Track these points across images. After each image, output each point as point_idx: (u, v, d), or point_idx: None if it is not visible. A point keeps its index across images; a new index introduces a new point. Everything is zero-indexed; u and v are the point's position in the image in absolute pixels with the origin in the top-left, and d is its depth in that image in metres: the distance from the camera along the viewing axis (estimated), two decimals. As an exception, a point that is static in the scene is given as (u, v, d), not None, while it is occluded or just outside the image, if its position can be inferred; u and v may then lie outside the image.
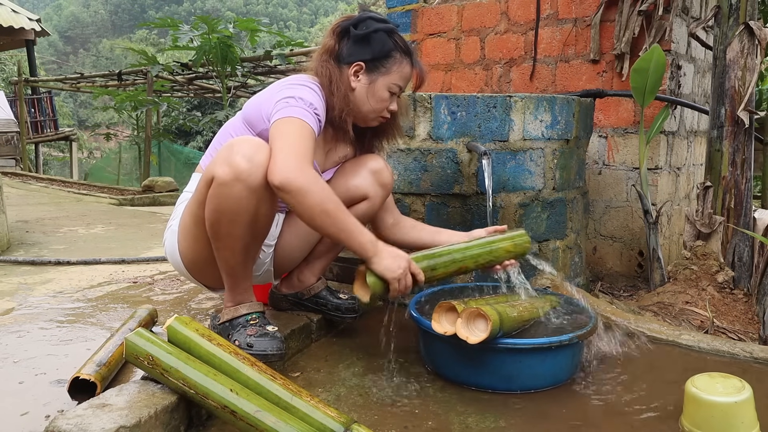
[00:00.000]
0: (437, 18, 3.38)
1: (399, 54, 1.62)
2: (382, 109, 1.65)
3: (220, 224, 1.42)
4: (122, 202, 5.90)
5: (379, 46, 1.60)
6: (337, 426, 1.15)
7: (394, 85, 1.63)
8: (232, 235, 1.43)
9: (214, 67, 6.94)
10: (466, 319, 1.44)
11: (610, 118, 2.90)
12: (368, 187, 1.70)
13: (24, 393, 1.39)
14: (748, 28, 2.35)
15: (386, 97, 1.63)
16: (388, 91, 1.63)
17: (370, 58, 1.60)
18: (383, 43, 1.60)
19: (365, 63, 1.60)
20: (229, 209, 1.39)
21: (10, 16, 11.91)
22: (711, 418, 1.25)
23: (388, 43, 1.61)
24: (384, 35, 1.61)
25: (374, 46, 1.60)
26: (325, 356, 1.70)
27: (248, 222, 1.42)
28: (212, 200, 1.40)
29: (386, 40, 1.61)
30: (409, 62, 1.65)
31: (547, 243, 2.22)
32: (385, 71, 1.61)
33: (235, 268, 1.49)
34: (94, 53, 43.07)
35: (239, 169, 1.36)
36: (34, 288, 2.35)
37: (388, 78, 1.62)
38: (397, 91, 1.65)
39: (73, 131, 14.63)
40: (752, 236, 2.37)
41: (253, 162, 1.37)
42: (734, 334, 2.12)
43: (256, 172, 1.37)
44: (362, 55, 1.60)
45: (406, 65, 1.64)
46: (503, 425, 1.35)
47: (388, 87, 1.62)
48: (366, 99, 1.62)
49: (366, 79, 1.61)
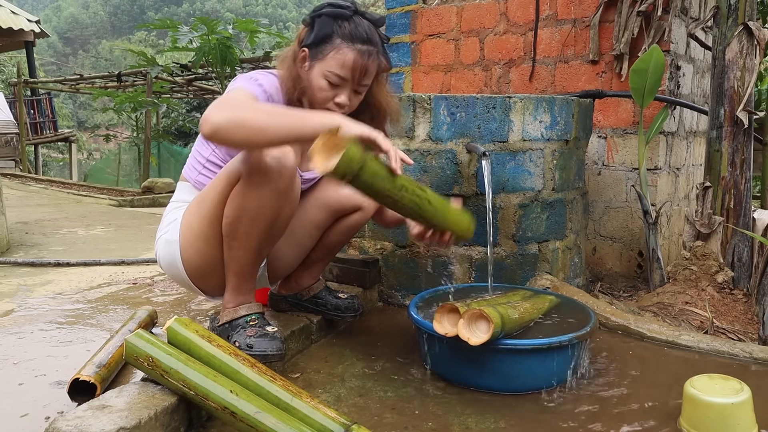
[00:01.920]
0: (436, 19, 3.38)
1: (339, 39, 1.50)
2: (324, 100, 1.53)
3: (240, 222, 1.43)
4: (122, 204, 5.90)
5: (317, 30, 1.52)
6: (337, 427, 1.15)
7: (330, 74, 1.50)
8: (250, 234, 1.44)
9: (213, 68, 6.93)
10: (468, 321, 1.44)
11: (609, 119, 2.90)
12: (362, 198, 1.63)
13: (24, 394, 1.39)
14: (747, 28, 2.35)
15: (323, 86, 1.52)
16: (325, 79, 1.51)
17: (311, 43, 1.53)
18: (322, 26, 1.51)
19: (308, 48, 1.54)
20: (252, 208, 1.41)
21: (10, 17, 11.90)
22: (708, 419, 1.26)
23: (328, 27, 1.51)
24: (327, 19, 1.52)
25: (316, 31, 1.52)
26: (325, 357, 1.70)
27: (268, 222, 1.44)
28: (237, 197, 1.42)
29: (327, 24, 1.51)
30: (354, 50, 1.50)
31: (546, 243, 2.22)
32: (321, 57, 1.51)
33: (245, 268, 1.50)
34: (93, 54, 43.06)
35: (268, 169, 1.38)
36: (34, 289, 2.35)
37: (323, 64, 1.51)
38: (336, 81, 1.51)
39: (73, 132, 14.63)
40: (752, 236, 2.37)
41: (281, 164, 1.40)
42: (734, 334, 2.12)
43: (284, 173, 1.40)
44: (307, 40, 1.54)
45: (346, 52, 1.49)
46: (503, 426, 1.35)
47: (323, 74, 1.51)
48: (309, 87, 1.54)
49: (308, 65, 1.54)
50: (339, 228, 1.73)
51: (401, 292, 2.20)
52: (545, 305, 1.74)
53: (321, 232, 1.72)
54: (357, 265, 2.12)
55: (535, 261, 2.20)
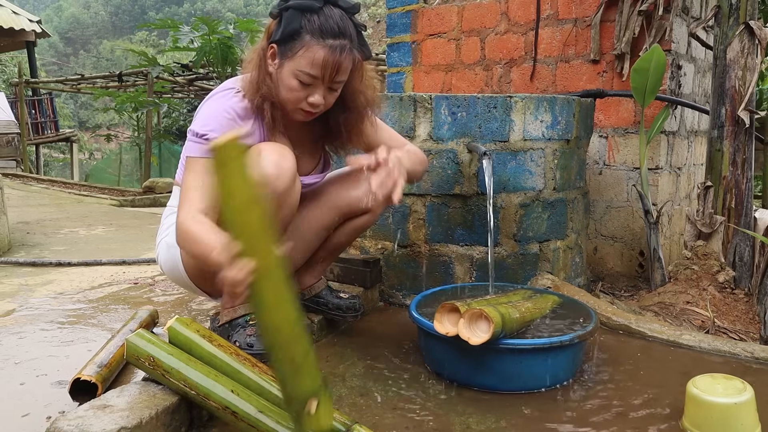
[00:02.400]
0: (437, 18, 3.38)
1: (309, 36, 1.39)
2: (296, 100, 1.44)
3: None
4: (123, 203, 5.90)
5: (285, 24, 1.41)
6: (338, 427, 1.15)
7: (301, 73, 1.40)
8: None
9: (214, 68, 6.94)
10: (468, 320, 1.44)
11: (610, 118, 2.90)
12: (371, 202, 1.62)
13: (25, 394, 1.39)
14: (748, 27, 2.34)
15: (294, 86, 1.42)
16: (295, 78, 1.42)
17: (279, 39, 1.42)
18: (290, 21, 1.40)
19: (276, 45, 1.44)
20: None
21: (11, 17, 11.91)
22: (710, 419, 1.25)
23: (295, 23, 1.39)
24: (294, 13, 1.40)
25: (284, 26, 1.41)
26: (326, 357, 1.70)
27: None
28: None
29: (294, 19, 1.40)
30: (324, 46, 1.39)
31: (547, 243, 2.22)
32: (291, 55, 1.41)
33: None
34: (94, 54, 43.08)
35: (268, 173, 1.39)
36: (35, 289, 2.35)
37: (293, 63, 1.41)
38: (307, 80, 1.41)
39: (74, 132, 14.64)
40: (753, 236, 2.36)
41: (280, 168, 1.41)
42: (735, 334, 2.12)
43: (283, 177, 1.41)
44: (275, 36, 1.44)
45: (317, 49, 1.39)
46: (504, 425, 1.35)
47: (293, 74, 1.41)
48: (278, 87, 1.45)
49: (278, 63, 1.44)
50: (346, 229, 1.72)
51: (402, 292, 2.20)
52: (547, 305, 1.74)
53: (329, 233, 1.72)
54: (358, 265, 2.12)
55: (536, 261, 2.20)
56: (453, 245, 2.15)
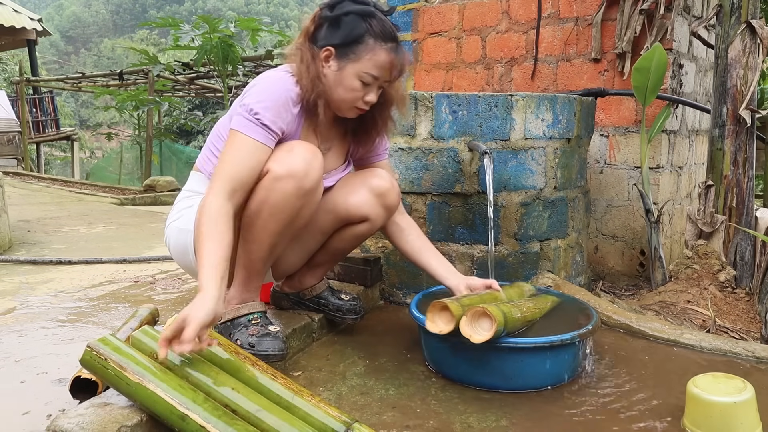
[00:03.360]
0: (438, 17, 3.37)
1: (372, 40, 1.47)
2: (354, 99, 1.51)
3: (258, 216, 1.44)
4: (124, 202, 5.91)
5: (348, 30, 1.47)
6: (339, 425, 1.15)
7: (366, 74, 1.48)
8: (266, 229, 1.45)
9: (215, 67, 6.94)
10: (471, 318, 1.44)
11: (611, 117, 2.89)
12: (370, 209, 1.63)
13: (25, 392, 1.39)
14: (750, 26, 2.34)
15: (357, 87, 1.49)
16: (359, 80, 1.49)
17: (339, 42, 1.48)
18: (353, 26, 1.47)
19: (335, 48, 1.48)
20: (274, 203, 1.42)
21: (12, 16, 11.92)
22: (710, 418, 1.25)
23: (360, 27, 1.47)
24: (356, 18, 1.47)
25: (344, 30, 1.47)
26: (327, 355, 1.70)
27: (286, 220, 1.45)
28: (260, 191, 1.43)
29: (357, 24, 1.47)
30: (386, 49, 1.48)
31: (548, 242, 2.22)
32: (355, 58, 1.48)
33: (256, 264, 1.51)
34: (95, 53, 43.10)
35: (296, 168, 1.41)
36: (36, 287, 2.36)
37: (358, 66, 1.48)
38: (370, 81, 1.50)
39: (75, 131, 14.65)
40: (754, 235, 2.36)
41: (310, 165, 1.43)
42: (736, 333, 2.12)
43: (310, 175, 1.43)
44: (332, 39, 1.49)
45: (381, 53, 1.48)
46: (504, 424, 1.35)
47: (357, 75, 1.48)
48: (334, 87, 1.50)
49: (335, 65, 1.49)
50: (344, 235, 1.70)
51: (403, 291, 2.20)
52: (547, 304, 1.74)
53: (325, 237, 1.71)
54: (359, 264, 2.12)
55: (537, 259, 2.19)
56: (454, 244, 2.15)
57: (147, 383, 1.11)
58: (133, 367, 1.13)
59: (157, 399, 1.10)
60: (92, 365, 1.16)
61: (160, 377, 1.13)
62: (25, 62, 12.76)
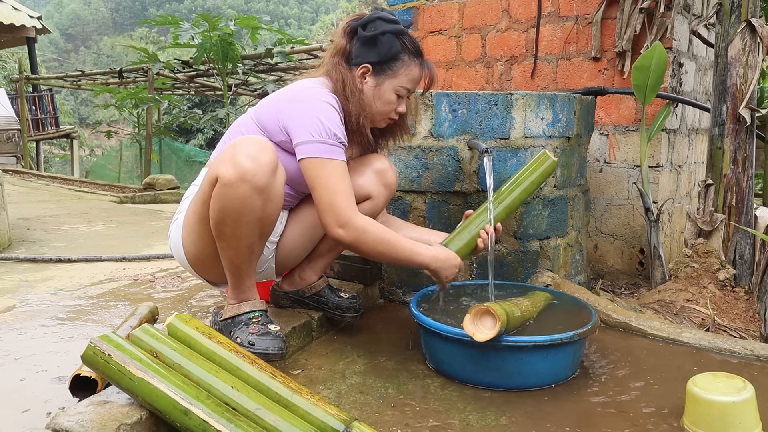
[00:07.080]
0: (438, 15, 3.37)
1: (407, 56, 1.61)
2: (389, 111, 1.65)
3: (224, 224, 1.41)
4: (123, 200, 5.90)
5: (386, 48, 1.59)
6: (338, 424, 1.15)
7: (402, 88, 1.62)
8: (237, 235, 1.42)
9: (215, 65, 6.93)
10: (474, 316, 1.44)
11: (611, 116, 2.89)
12: (372, 188, 1.71)
13: (25, 390, 1.39)
14: (749, 25, 2.34)
15: (393, 100, 1.63)
16: (396, 93, 1.62)
17: (377, 60, 1.59)
18: (390, 45, 1.59)
19: (372, 65, 1.60)
20: (234, 209, 1.38)
21: (11, 13, 11.89)
22: (709, 417, 1.25)
23: (396, 46, 1.60)
24: (392, 37, 1.59)
25: (381, 49, 1.59)
26: (326, 354, 1.70)
27: (253, 222, 1.42)
28: (217, 200, 1.39)
29: (393, 43, 1.59)
30: (418, 64, 1.63)
31: (548, 241, 2.22)
32: (392, 74, 1.61)
33: (240, 267, 1.49)
34: (95, 51, 43.05)
35: (244, 169, 1.36)
36: (35, 285, 2.35)
37: (395, 81, 1.61)
38: (404, 94, 1.64)
39: (74, 129, 14.62)
40: (753, 234, 2.36)
41: (258, 162, 1.37)
42: (735, 331, 2.12)
43: (261, 172, 1.37)
44: (369, 57, 1.60)
45: (414, 67, 1.63)
46: (504, 423, 1.35)
47: (395, 90, 1.62)
48: (372, 101, 1.62)
49: (373, 81, 1.61)
50: None
51: (402, 289, 2.20)
52: (542, 303, 1.75)
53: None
54: (358, 262, 2.12)
55: (537, 258, 2.19)
56: (453, 242, 2.14)
57: (150, 378, 1.12)
58: (135, 363, 1.14)
59: (159, 394, 1.10)
60: (94, 361, 1.16)
61: (162, 373, 1.13)
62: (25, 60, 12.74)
